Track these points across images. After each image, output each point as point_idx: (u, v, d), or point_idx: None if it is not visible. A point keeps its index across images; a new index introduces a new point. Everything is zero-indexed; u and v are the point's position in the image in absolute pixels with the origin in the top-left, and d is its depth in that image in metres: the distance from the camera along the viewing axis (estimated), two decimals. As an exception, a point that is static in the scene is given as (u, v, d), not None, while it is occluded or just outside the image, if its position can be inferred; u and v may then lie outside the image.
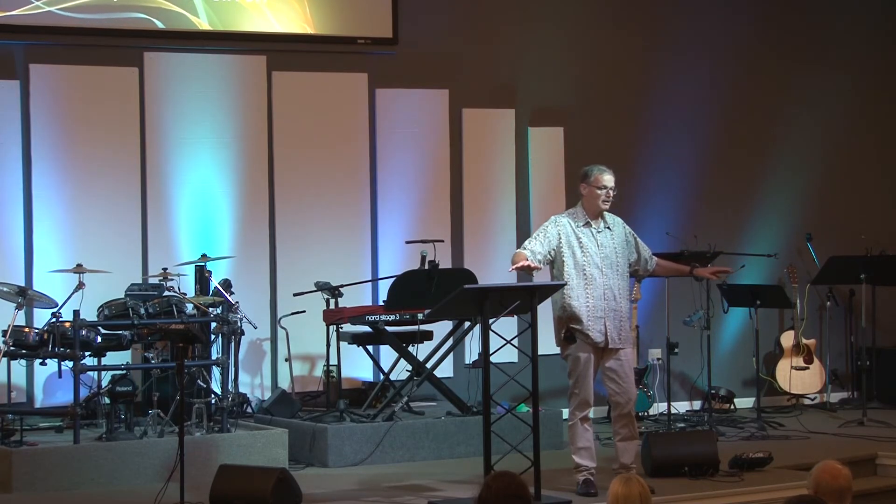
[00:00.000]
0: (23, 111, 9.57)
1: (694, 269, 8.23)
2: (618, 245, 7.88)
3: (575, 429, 7.82)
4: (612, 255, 7.82)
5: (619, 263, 7.84)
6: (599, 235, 7.84)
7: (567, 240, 7.78)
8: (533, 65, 10.94)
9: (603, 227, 7.87)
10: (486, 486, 4.73)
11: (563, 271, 7.76)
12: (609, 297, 7.75)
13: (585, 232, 7.82)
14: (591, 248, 7.78)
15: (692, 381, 11.03)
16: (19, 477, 7.96)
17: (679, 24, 11.40)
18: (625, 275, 7.88)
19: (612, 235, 7.89)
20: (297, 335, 9.90)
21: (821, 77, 11.81)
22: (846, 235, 11.48)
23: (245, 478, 7.43)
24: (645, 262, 8.05)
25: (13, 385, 9.06)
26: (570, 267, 7.74)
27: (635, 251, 8.00)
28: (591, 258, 7.76)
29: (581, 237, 7.80)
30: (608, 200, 7.86)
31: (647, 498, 4.96)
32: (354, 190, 10.37)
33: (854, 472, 5.44)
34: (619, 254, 7.86)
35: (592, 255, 7.77)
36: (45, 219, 9.56)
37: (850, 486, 5.23)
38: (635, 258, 8.00)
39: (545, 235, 7.82)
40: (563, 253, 7.77)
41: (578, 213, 7.91)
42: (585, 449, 7.81)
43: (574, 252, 7.76)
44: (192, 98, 9.95)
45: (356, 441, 8.88)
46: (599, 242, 7.82)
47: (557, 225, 7.84)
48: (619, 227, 7.96)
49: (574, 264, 7.74)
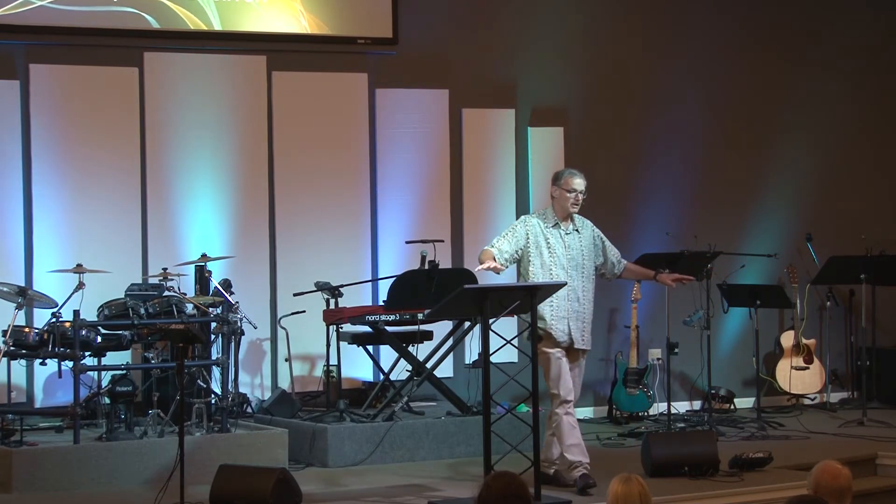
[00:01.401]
0: (23, 111, 9.57)
1: (658, 275, 8.30)
2: (585, 247, 8.01)
3: (562, 426, 7.90)
4: (578, 258, 7.95)
5: (585, 266, 7.98)
6: (568, 237, 7.96)
7: (535, 240, 7.90)
8: (533, 65, 10.94)
9: (572, 229, 7.99)
10: (486, 486, 4.73)
11: (529, 271, 7.90)
12: (573, 298, 7.88)
13: (554, 233, 7.94)
14: (558, 250, 7.91)
15: (692, 381, 11.04)
16: (19, 477, 7.96)
17: (679, 24, 11.40)
18: (591, 277, 8.02)
19: (581, 238, 8.01)
20: (297, 335, 9.90)
21: (821, 77, 11.81)
22: (846, 235, 11.48)
23: (245, 478, 7.42)
24: (612, 265, 8.18)
25: (13, 385, 9.06)
26: (536, 267, 7.88)
27: (602, 254, 8.13)
28: (557, 259, 7.89)
29: (549, 238, 7.91)
30: (577, 204, 7.97)
31: (646, 497, 4.97)
32: (354, 190, 10.37)
33: (854, 472, 5.44)
34: (585, 256, 7.99)
35: (559, 256, 7.90)
36: (45, 219, 9.56)
37: (850, 486, 5.23)
38: (602, 261, 8.14)
39: (514, 234, 7.94)
40: (530, 253, 7.90)
41: (548, 214, 8.02)
42: (576, 445, 7.90)
43: (541, 252, 7.88)
44: (192, 98, 9.95)
45: (356, 441, 8.88)
46: (567, 244, 7.94)
47: (526, 224, 7.96)
48: (587, 230, 8.08)
49: (541, 264, 7.87)
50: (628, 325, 10.70)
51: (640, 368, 10.56)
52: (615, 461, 8.78)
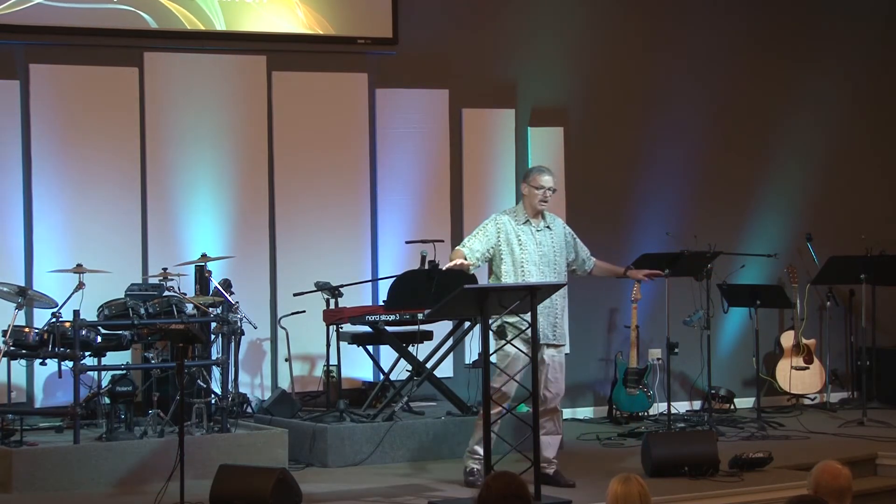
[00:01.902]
0: (23, 111, 9.57)
1: (627, 271, 8.34)
2: (556, 244, 8.08)
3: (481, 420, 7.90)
4: (550, 254, 8.03)
5: (556, 262, 8.06)
6: (539, 234, 8.04)
7: (506, 237, 7.98)
8: (533, 65, 10.94)
9: (543, 226, 8.07)
10: (486, 485, 4.73)
11: (501, 269, 7.96)
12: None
13: (525, 230, 8.01)
14: (529, 246, 7.98)
15: (692, 381, 11.04)
16: (19, 477, 7.96)
17: (679, 24, 11.40)
18: (562, 274, 8.10)
19: (552, 235, 8.09)
20: (297, 335, 9.90)
21: (821, 77, 11.81)
22: (846, 235, 11.48)
23: (245, 478, 7.42)
24: (582, 261, 8.27)
25: (13, 385, 9.06)
26: (507, 265, 7.95)
27: (573, 251, 8.21)
28: (529, 256, 7.96)
29: (521, 235, 7.99)
30: (546, 200, 8.05)
31: (646, 497, 4.97)
32: (354, 190, 10.37)
33: (854, 472, 5.45)
34: (557, 252, 8.07)
35: (531, 252, 7.97)
36: (45, 219, 9.56)
37: (850, 486, 5.23)
38: (573, 258, 8.22)
39: (484, 233, 8.02)
40: (501, 251, 7.98)
41: (519, 211, 8.10)
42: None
43: (513, 249, 7.96)
44: (192, 98, 9.95)
45: (356, 441, 8.88)
46: (538, 241, 8.02)
47: (497, 223, 8.03)
48: (558, 227, 8.16)
49: (512, 262, 7.95)
50: (628, 325, 10.70)
51: (640, 368, 10.56)
52: (615, 461, 8.80)
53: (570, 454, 9.25)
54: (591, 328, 11.02)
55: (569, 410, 10.66)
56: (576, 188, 11.00)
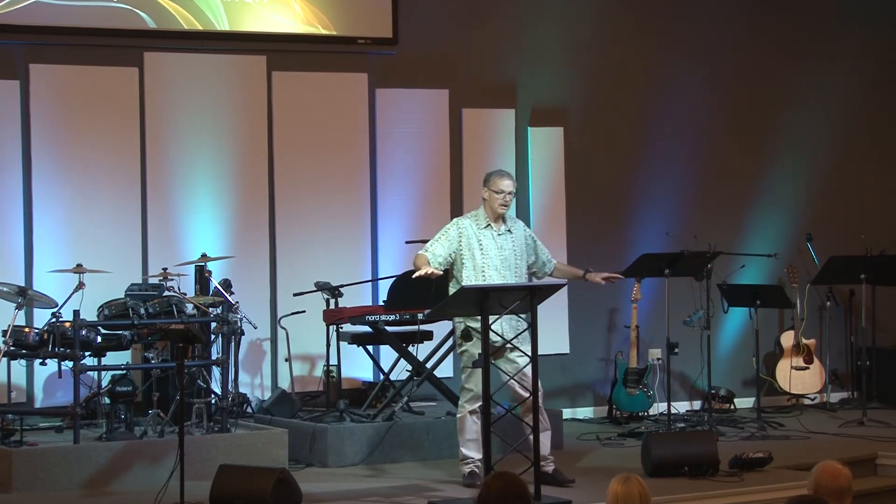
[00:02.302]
0: (23, 111, 9.57)
1: (587, 273, 8.35)
2: (517, 248, 8.13)
3: (464, 421, 8.04)
4: (511, 258, 8.07)
5: (517, 266, 8.11)
6: (500, 238, 8.08)
7: (468, 242, 8.02)
8: (533, 65, 10.94)
9: (504, 230, 8.12)
10: (486, 485, 4.73)
11: (462, 273, 8.00)
12: None
13: (486, 234, 8.05)
14: (491, 251, 8.03)
15: (692, 381, 11.03)
16: (19, 477, 7.96)
17: (679, 23, 11.40)
18: (523, 277, 8.14)
19: (513, 238, 8.13)
20: (297, 335, 9.90)
21: (821, 77, 11.81)
22: (846, 235, 11.48)
23: (245, 478, 7.42)
24: (543, 264, 8.31)
25: (13, 385, 9.06)
26: (469, 269, 8.00)
27: (533, 253, 8.25)
28: (490, 260, 8.01)
29: (482, 239, 8.03)
30: (505, 204, 8.09)
31: (646, 496, 4.97)
32: (354, 190, 10.37)
33: (854, 472, 5.44)
34: (517, 256, 8.12)
35: (492, 256, 8.02)
36: (45, 219, 9.57)
37: (850, 486, 5.23)
38: (533, 260, 8.26)
39: (447, 238, 8.06)
40: (463, 255, 8.02)
41: (480, 215, 8.13)
42: (473, 441, 8.01)
43: (474, 254, 8.01)
44: (192, 98, 9.95)
45: (356, 441, 8.89)
46: (499, 244, 8.07)
47: (459, 227, 8.08)
48: (519, 231, 8.21)
49: (473, 266, 8.00)
50: (628, 325, 10.70)
51: (640, 368, 10.56)
52: (615, 461, 8.79)
53: (570, 454, 9.27)
54: (591, 328, 11.02)
55: (569, 410, 10.67)
56: (576, 188, 11.00)
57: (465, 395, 8.06)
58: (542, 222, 10.88)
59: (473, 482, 7.92)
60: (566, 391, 10.91)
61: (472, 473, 8.01)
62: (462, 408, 8.06)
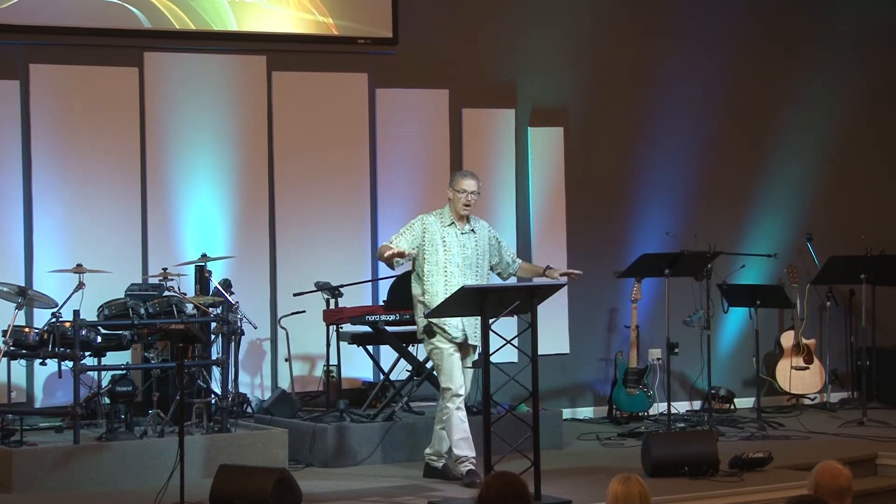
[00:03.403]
0: (23, 111, 9.56)
1: (546, 270, 8.38)
2: (480, 247, 8.24)
3: (452, 420, 8.06)
4: (473, 257, 8.19)
5: (479, 265, 8.22)
6: (463, 237, 8.20)
7: (431, 238, 8.14)
8: (533, 65, 10.94)
9: (468, 229, 8.23)
10: (486, 485, 4.73)
11: (424, 269, 8.12)
12: None
13: (450, 231, 8.17)
14: (453, 248, 8.14)
15: (692, 381, 11.03)
16: (19, 477, 7.96)
17: (678, 24, 11.40)
18: (485, 276, 8.26)
19: (476, 238, 8.24)
20: (297, 335, 9.90)
21: (821, 77, 11.81)
22: (846, 235, 11.47)
23: (245, 478, 7.42)
24: (507, 265, 8.42)
25: (13, 385, 9.06)
26: (431, 265, 8.12)
27: (497, 254, 8.36)
28: (452, 257, 8.12)
29: (446, 237, 8.15)
30: (468, 204, 8.19)
31: (646, 496, 4.97)
32: (354, 190, 10.37)
33: (854, 472, 5.44)
34: (480, 255, 8.23)
35: (455, 254, 8.13)
36: (45, 219, 9.56)
37: (850, 486, 5.23)
38: (497, 261, 8.37)
39: (411, 232, 8.18)
40: (425, 250, 8.13)
41: (445, 214, 8.25)
42: (465, 440, 8.08)
43: (437, 250, 8.12)
44: (192, 98, 9.95)
45: (356, 441, 8.89)
46: (462, 243, 8.18)
47: (423, 223, 8.20)
48: (483, 231, 8.31)
49: (436, 262, 8.11)
50: (628, 325, 10.70)
51: (640, 368, 10.56)
52: (615, 461, 8.79)
53: (570, 454, 9.28)
54: (591, 328, 11.02)
55: (569, 410, 10.67)
56: (576, 188, 11.00)
57: (445, 394, 8.12)
58: (542, 222, 10.89)
59: (473, 480, 7.94)
60: (566, 391, 10.92)
61: (471, 472, 8.02)
62: (446, 408, 8.10)
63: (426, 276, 8.11)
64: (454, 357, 8.07)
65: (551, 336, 10.50)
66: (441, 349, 8.08)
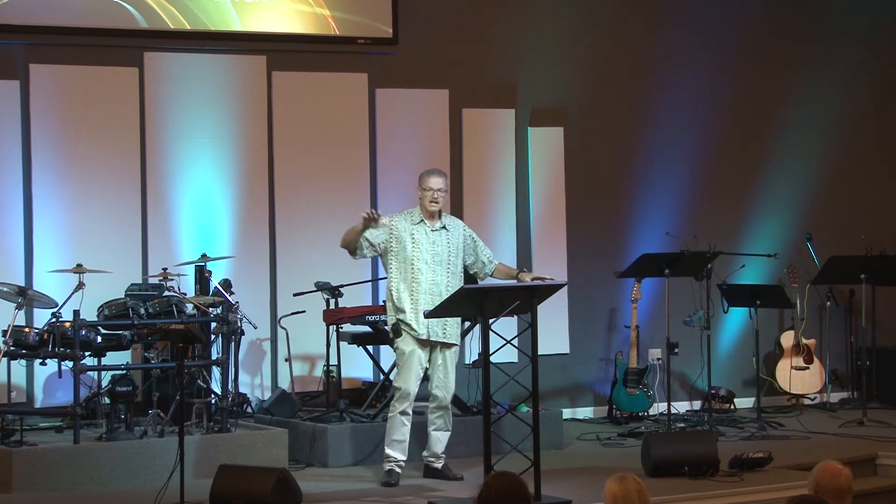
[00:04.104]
0: (23, 111, 9.56)
1: (519, 273, 8.34)
2: (452, 245, 8.25)
3: (393, 421, 8.17)
4: (443, 254, 8.20)
5: (450, 262, 8.23)
6: (433, 234, 8.23)
7: (399, 234, 8.18)
8: (533, 65, 10.94)
9: (439, 226, 8.26)
10: (486, 486, 4.73)
11: (392, 265, 8.18)
12: (434, 292, 8.10)
13: (420, 229, 8.22)
14: (422, 245, 8.18)
15: (692, 381, 11.03)
16: (19, 477, 7.96)
17: (679, 24, 11.39)
18: (456, 274, 8.25)
19: (448, 236, 8.27)
20: (297, 335, 9.90)
21: (821, 77, 11.80)
22: (846, 235, 11.47)
23: (245, 478, 7.43)
24: (483, 265, 8.40)
25: (13, 385, 9.06)
26: (399, 261, 8.17)
27: (473, 253, 8.36)
28: (420, 254, 8.16)
29: (414, 233, 8.19)
30: (435, 201, 8.24)
31: (644, 494, 4.97)
32: (354, 190, 10.37)
33: (854, 472, 5.44)
34: (451, 253, 8.24)
35: (423, 251, 8.16)
36: (45, 219, 9.56)
37: (850, 485, 5.23)
38: (472, 260, 8.37)
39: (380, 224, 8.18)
40: (393, 247, 8.18)
41: (415, 212, 8.30)
42: (399, 442, 8.18)
43: (405, 246, 8.16)
44: (192, 98, 9.95)
45: (356, 441, 8.89)
46: (432, 240, 8.21)
47: (392, 220, 8.26)
48: (458, 230, 8.34)
49: (404, 258, 8.16)
50: (628, 325, 10.70)
51: (640, 368, 10.56)
52: (615, 461, 8.79)
53: (570, 454, 9.28)
54: (591, 328, 11.02)
55: (569, 410, 10.67)
56: (576, 188, 11.00)
57: (396, 393, 8.18)
58: (542, 222, 10.89)
59: (388, 481, 8.08)
60: (566, 391, 10.91)
61: (391, 472, 8.14)
62: (392, 407, 8.18)
63: (394, 273, 8.16)
64: (413, 359, 8.11)
65: (551, 336, 10.50)
66: (403, 350, 8.14)
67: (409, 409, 8.16)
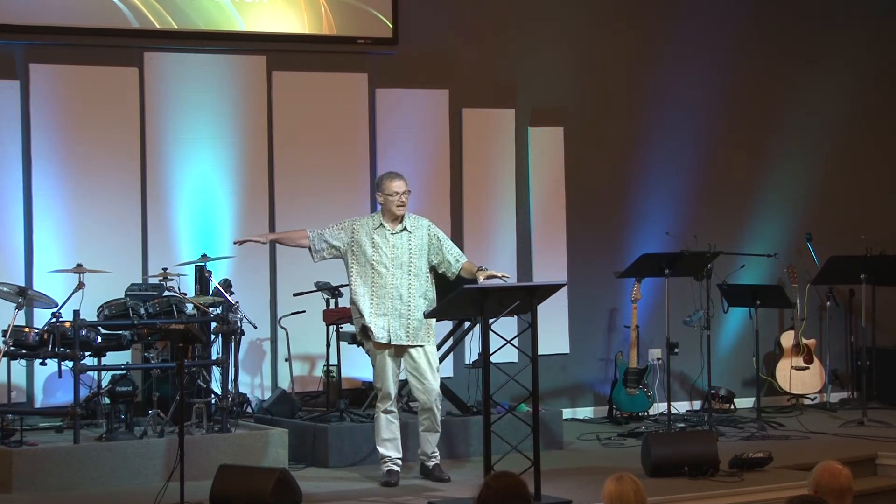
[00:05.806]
0: (23, 111, 9.56)
1: (477, 271, 8.29)
2: (415, 247, 8.23)
3: (379, 421, 8.23)
4: (403, 256, 8.19)
5: (412, 264, 8.22)
6: (394, 237, 8.23)
7: (359, 238, 8.22)
8: (533, 65, 10.94)
9: (400, 229, 8.25)
10: (486, 485, 4.74)
11: (352, 269, 8.21)
12: (395, 295, 8.12)
13: (381, 232, 8.22)
14: (382, 248, 8.18)
15: (692, 381, 11.03)
16: (19, 477, 7.96)
17: (679, 23, 11.39)
18: (419, 276, 8.22)
19: (411, 237, 8.25)
20: (297, 335, 9.90)
21: (821, 77, 11.81)
22: (846, 235, 11.47)
23: (245, 478, 7.43)
24: (449, 264, 8.34)
25: (13, 385, 9.05)
26: (360, 264, 8.20)
27: (439, 253, 8.31)
28: (381, 257, 8.17)
29: (375, 237, 8.20)
30: (402, 204, 8.24)
31: (641, 494, 4.97)
32: (354, 190, 10.37)
33: (854, 472, 5.44)
34: (413, 255, 8.22)
35: (383, 254, 8.17)
36: (45, 219, 9.56)
37: (850, 485, 5.23)
38: (438, 260, 8.32)
39: (341, 227, 8.30)
40: (354, 250, 8.21)
41: (377, 216, 8.31)
42: (389, 440, 8.23)
43: (365, 250, 8.18)
44: (192, 98, 9.95)
45: (356, 441, 8.89)
46: (393, 243, 8.21)
47: (354, 224, 8.29)
48: (422, 231, 8.31)
49: (365, 261, 8.17)
50: (628, 325, 10.70)
51: (640, 368, 10.56)
52: (615, 461, 8.80)
53: (570, 454, 9.28)
54: (591, 328, 11.02)
55: (569, 410, 10.67)
56: (576, 188, 11.00)
57: (377, 394, 8.27)
58: (542, 222, 10.89)
59: (389, 481, 8.10)
60: (566, 391, 10.91)
61: (391, 472, 8.16)
62: (376, 407, 8.26)
63: (354, 276, 8.20)
64: (384, 360, 8.17)
65: (551, 336, 10.50)
66: (374, 352, 8.20)
67: (391, 406, 8.23)
